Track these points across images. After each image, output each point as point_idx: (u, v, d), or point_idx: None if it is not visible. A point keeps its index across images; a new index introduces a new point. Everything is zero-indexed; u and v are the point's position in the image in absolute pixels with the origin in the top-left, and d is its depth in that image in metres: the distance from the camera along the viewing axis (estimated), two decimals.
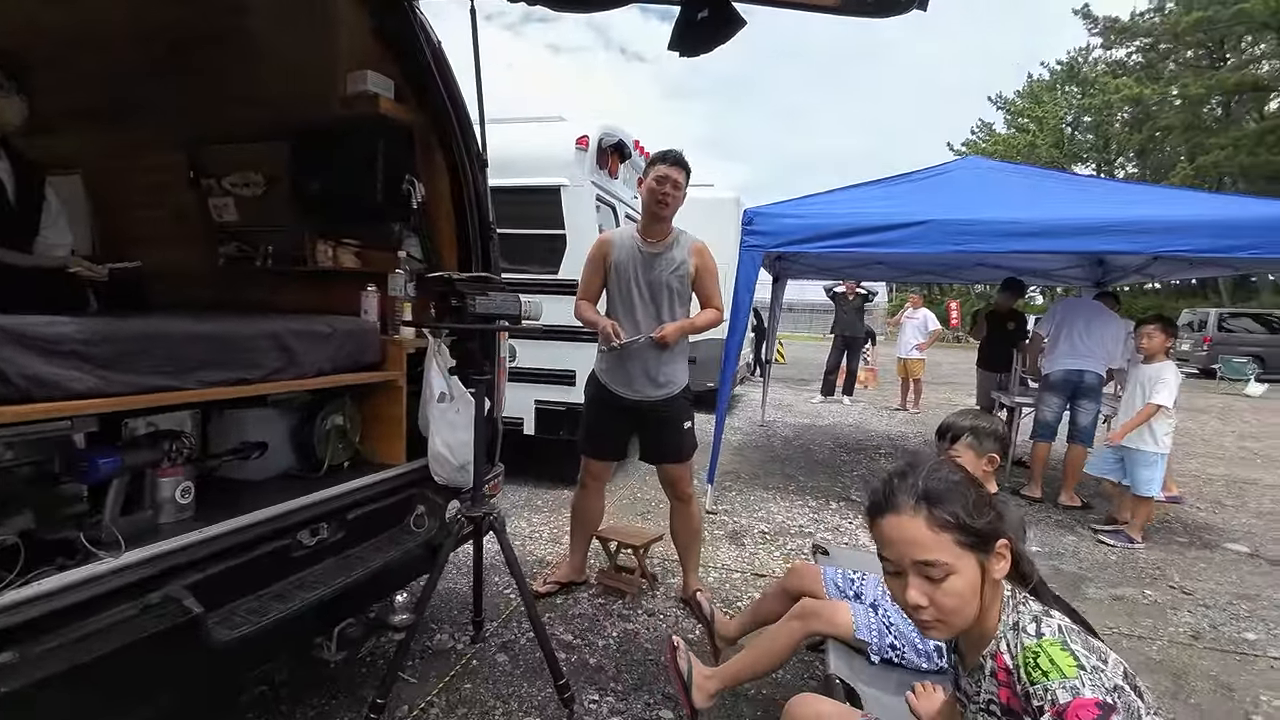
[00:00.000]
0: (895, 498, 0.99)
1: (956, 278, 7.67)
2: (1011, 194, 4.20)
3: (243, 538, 1.59)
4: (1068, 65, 31.20)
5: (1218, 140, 22.91)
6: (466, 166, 2.52)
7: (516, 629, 2.53)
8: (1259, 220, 3.24)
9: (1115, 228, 3.38)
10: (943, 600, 0.95)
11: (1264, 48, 23.59)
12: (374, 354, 2.18)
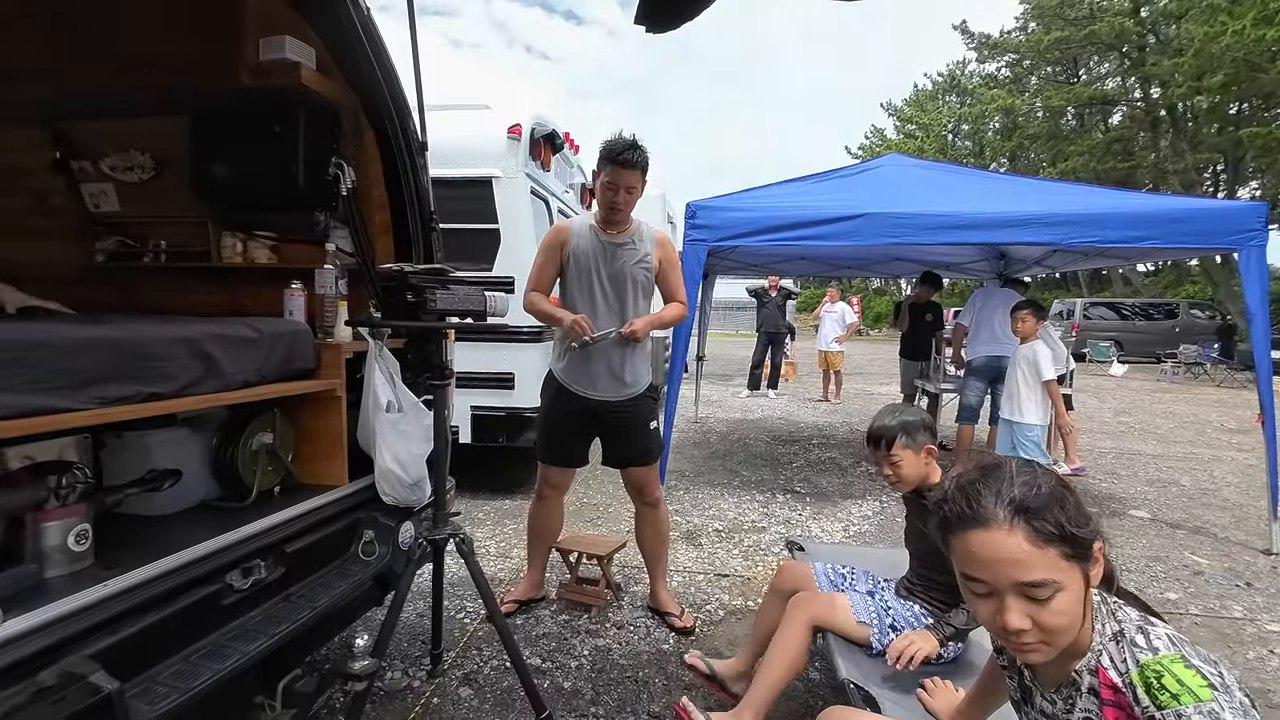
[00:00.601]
0: (983, 509, 0.86)
1: (875, 271, 8.01)
2: (935, 189, 4.37)
3: (160, 587, 1.30)
4: (948, 76, 33.77)
5: (1075, 148, 25.55)
6: (404, 150, 2.27)
7: (478, 658, 2.31)
8: (1160, 213, 3.55)
9: (1036, 220, 3.58)
10: (1050, 621, 0.83)
11: (1108, 66, 26.57)
12: (307, 360, 1.89)
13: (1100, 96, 25.75)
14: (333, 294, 2.19)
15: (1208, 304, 18.74)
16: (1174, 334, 16.31)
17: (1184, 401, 9.92)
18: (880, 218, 3.74)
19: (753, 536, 3.64)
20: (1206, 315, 17.61)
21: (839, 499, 4.37)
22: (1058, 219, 3.55)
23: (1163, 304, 18.68)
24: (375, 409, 1.93)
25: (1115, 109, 26.57)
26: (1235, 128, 20.91)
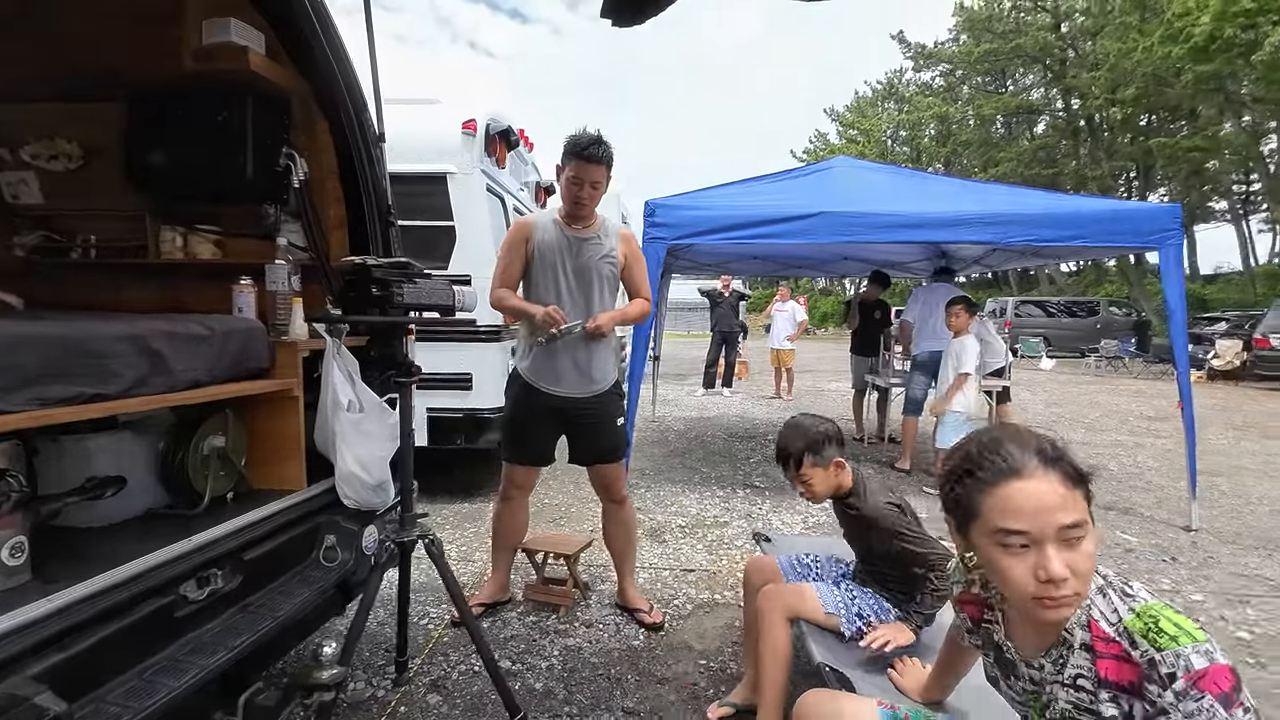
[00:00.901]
0: (1016, 458, 0.88)
1: (824, 270, 8.22)
2: (882, 190, 4.53)
3: (108, 601, 1.21)
4: (887, 84, 35.04)
5: (1005, 154, 26.94)
6: (360, 141, 2.19)
7: (445, 663, 2.25)
8: (1089, 214, 3.77)
9: (978, 220, 3.75)
10: (1083, 565, 0.85)
11: (1033, 78, 28.14)
12: (261, 359, 1.80)
13: (1026, 106, 27.25)
14: (285, 290, 2.10)
15: (1124, 301, 20.05)
16: (1096, 330, 17.38)
17: (1107, 392, 10.58)
18: (833, 217, 3.84)
19: (716, 531, 3.67)
20: (1123, 312, 18.84)
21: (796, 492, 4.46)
22: (998, 219, 3.73)
23: (1085, 302, 19.88)
24: (335, 409, 1.86)
25: (1040, 118, 28.15)
26: (1145, 138, 22.50)
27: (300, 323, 1.96)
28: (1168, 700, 0.79)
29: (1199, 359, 12.88)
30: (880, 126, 34.65)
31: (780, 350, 9.10)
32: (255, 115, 2.05)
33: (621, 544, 2.63)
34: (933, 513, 3.95)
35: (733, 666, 2.26)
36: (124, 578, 1.26)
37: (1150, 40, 18.57)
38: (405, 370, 1.68)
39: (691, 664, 2.29)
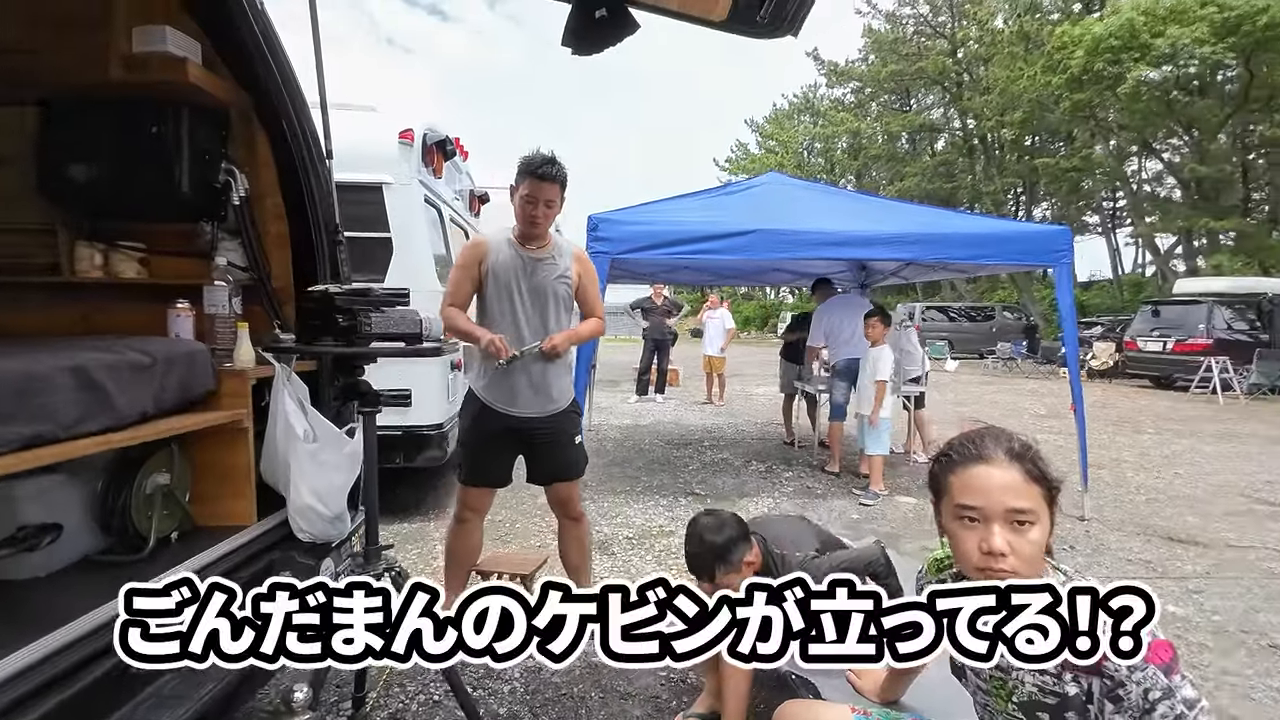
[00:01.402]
0: (987, 449, 1.02)
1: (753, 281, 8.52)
2: (811, 207, 4.76)
3: (56, 667, 1.13)
4: (803, 98, 36.59)
5: (910, 169, 28.76)
6: (305, 155, 2.11)
7: (402, 695, 2.19)
8: (996, 235, 4.14)
9: (903, 239, 4.04)
10: (1024, 549, 0.98)
11: (933, 98, 30.23)
12: (207, 384, 1.70)
13: (928, 125, 29.25)
14: (227, 313, 2.00)
15: (1015, 307, 21.87)
16: (992, 333, 18.87)
17: (1005, 392, 11.53)
18: (769, 233, 4.01)
19: (663, 541, 3.75)
20: (1015, 317, 20.56)
21: (736, 498, 4.62)
22: (921, 238, 4.02)
23: (982, 307, 21.54)
24: (289, 439, 1.78)
25: (940, 136, 30.27)
26: (1031, 157, 24.66)
27: (247, 348, 1.86)
28: (1121, 672, 0.93)
29: (1080, 360, 14.26)
30: (797, 138, 36.12)
31: (712, 357, 9.33)
32: (191, 128, 1.94)
33: (578, 560, 2.64)
34: (864, 514, 4.21)
35: (692, 677, 2.33)
36: (73, 637, 1.17)
37: (1034, 69, 20.40)
38: (369, 399, 1.64)
39: (652, 677, 2.34)
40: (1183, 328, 11.94)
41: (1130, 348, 12.81)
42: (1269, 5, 15.09)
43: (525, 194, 2.28)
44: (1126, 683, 0.93)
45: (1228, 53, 15.91)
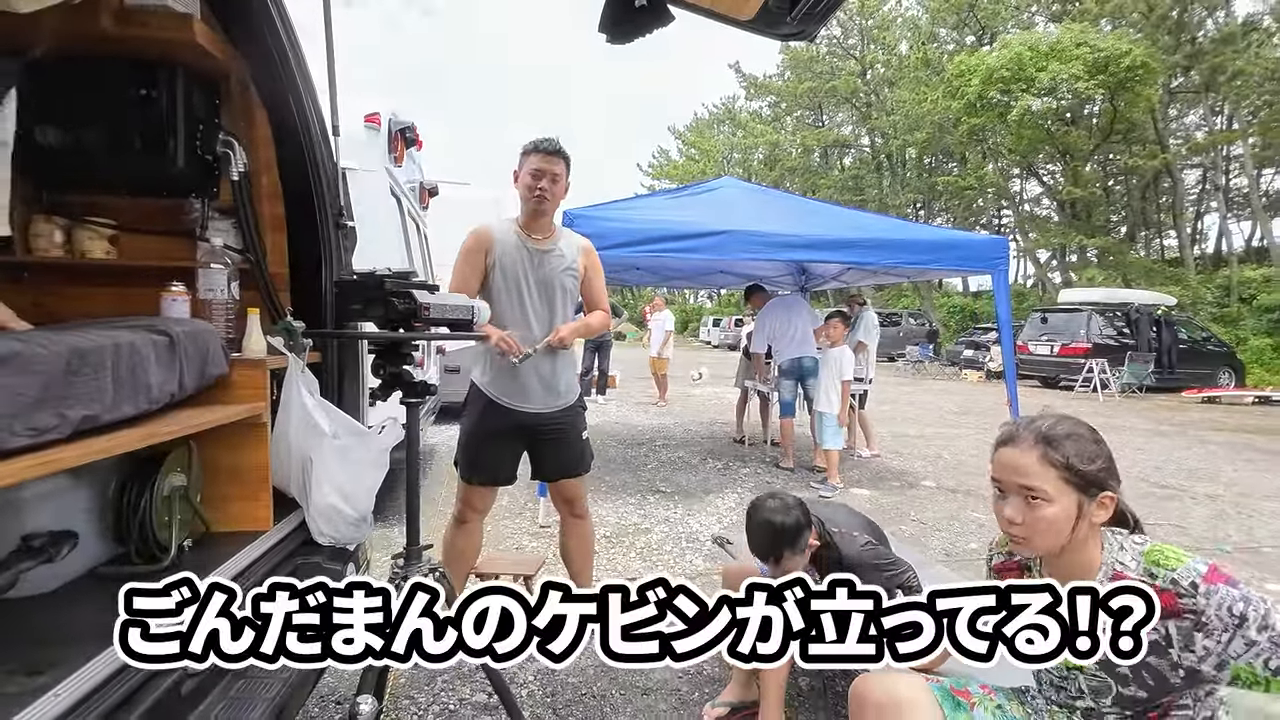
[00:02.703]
0: (1019, 435, 1.15)
1: (700, 283, 8.64)
2: (767, 210, 4.91)
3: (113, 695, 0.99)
4: (724, 108, 37.67)
5: (824, 181, 30.26)
6: (309, 132, 1.96)
7: (414, 707, 2.06)
8: (941, 242, 4.45)
9: (859, 244, 4.26)
10: (1034, 522, 1.11)
11: (843, 116, 32.00)
12: (219, 368, 1.54)
13: (839, 140, 30.89)
14: (224, 298, 1.83)
15: (918, 313, 23.48)
16: (900, 338, 20.15)
17: (920, 391, 12.36)
18: (740, 235, 4.12)
19: (641, 538, 3.74)
20: (918, 323, 22.06)
21: (702, 494, 4.68)
22: (881, 243, 4.25)
23: (890, 313, 22.96)
24: (309, 435, 1.65)
25: (850, 151, 32.07)
26: (930, 175, 26.64)
27: (258, 336, 1.71)
28: (1199, 603, 1.02)
29: (980, 362, 15.54)
30: (718, 148, 37.11)
31: (654, 358, 9.40)
32: (187, 93, 1.75)
33: (582, 558, 2.59)
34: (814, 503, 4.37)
35: (708, 669, 2.34)
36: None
37: (935, 94, 22.05)
38: (416, 389, 1.54)
39: (667, 671, 2.33)
40: (1066, 333, 13.28)
41: (1022, 351, 14.06)
42: (1130, 49, 17.12)
43: (532, 169, 2.21)
44: (1205, 610, 1.02)
45: (1097, 89, 17.89)
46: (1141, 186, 23.45)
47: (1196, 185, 24.47)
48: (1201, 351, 13.35)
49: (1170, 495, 5.00)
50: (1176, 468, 6.00)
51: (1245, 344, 14.95)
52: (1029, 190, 27.53)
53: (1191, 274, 19.13)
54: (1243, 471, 5.88)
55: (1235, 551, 3.74)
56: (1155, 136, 20.73)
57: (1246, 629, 1.01)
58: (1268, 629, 1.00)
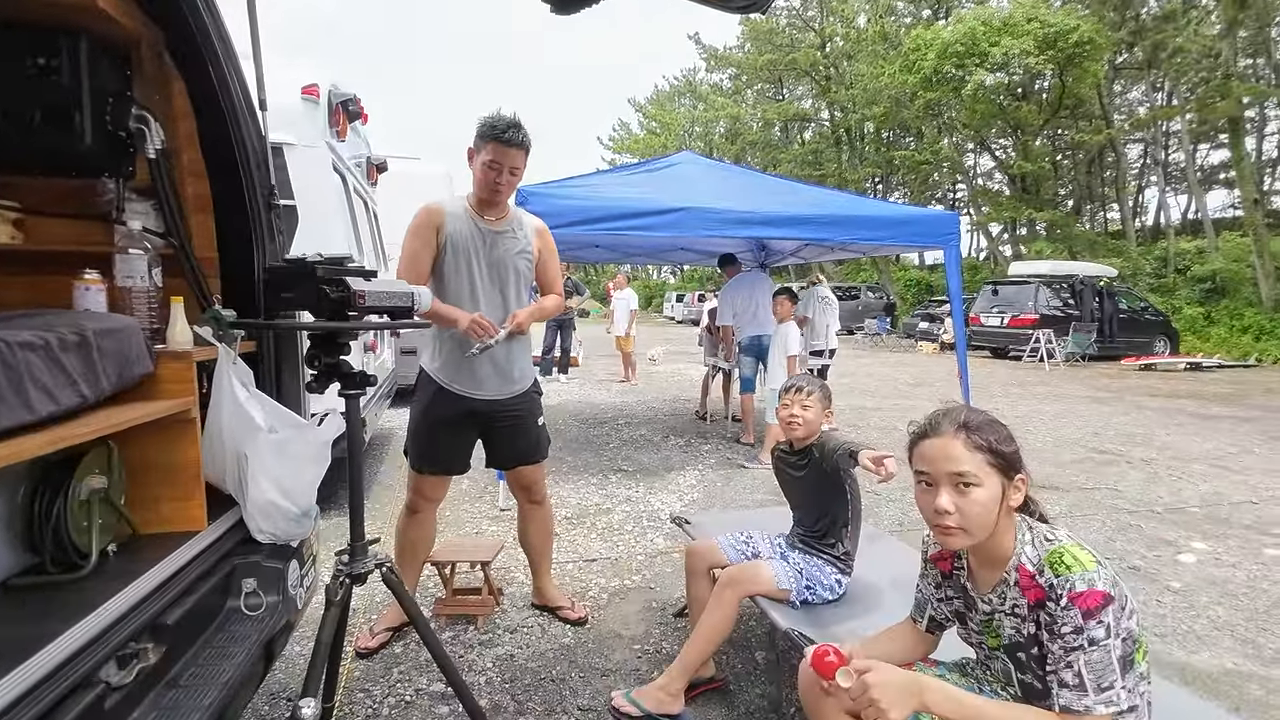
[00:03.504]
0: (939, 425, 1.17)
1: (661, 260, 8.59)
2: (730, 186, 4.89)
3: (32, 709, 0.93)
4: (685, 80, 37.21)
5: (785, 155, 30.30)
6: (232, 106, 1.83)
7: (368, 700, 2.03)
8: (896, 218, 4.50)
9: (818, 220, 4.28)
10: (967, 508, 1.13)
11: (803, 90, 31.98)
12: (145, 365, 1.44)
13: (799, 114, 30.91)
14: (146, 286, 1.71)
15: (876, 287, 23.94)
16: (859, 311, 20.54)
17: (876, 364, 12.65)
18: (697, 211, 4.08)
19: (603, 519, 3.75)
20: (876, 296, 22.51)
21: (664, 472, 4.71)
22: (837, 219, 4.28)
23: (849, 287, 23.35)
24: (244, 430, 1.57)
25: (809, 125, 32.14)
26: (889, 149, 26.94)
27: (183, 326, 1.60)
28: (1056, 611, 1.07)
29: (934, 334, 15.97)
30: (678, 121, 36.72)
31: (619, 337, 9.36)
32: (92, 62, 1.61)
33: (540, 544, 2.58)
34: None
35: (666, 647, 2.37)
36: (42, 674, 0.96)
37: (893, 68, 22.17)
38: (355, 380, 1.47)
39: (627, 651, 2.35)
40: (1016, 305, 13.72)
41: (974, 322, 14.50)
42: (1078, 25, 17.48)
43: (489, 160, 2.13)
44: (1056, 620, 1.07)
45: (1046, 64, 18.25)
46: (1087, 161, 24.21)
47: (1138, 160, 25.43)
48: (1140, 321, 13.98)
49: (1108, 460, 5.25)
50: (1115, 433, 6.30)
51: (1180, 313, 15.71)
52: (982, 165, 28.18)
53: (1132, 246, 19.92)
54: (1174, 436, 6.21)
55: (1165, 512, 3.96)
56: (1101, 112, 21.34)
57: (1076, 658, 1.05)
58: (1086, 670, 1.04)
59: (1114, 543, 3.45)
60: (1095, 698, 1.03)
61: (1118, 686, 1.03)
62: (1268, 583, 2.96)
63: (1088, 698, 1.04)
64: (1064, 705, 1.05)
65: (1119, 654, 1.04)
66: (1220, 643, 2.45)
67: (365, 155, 5.22)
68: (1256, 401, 8.31)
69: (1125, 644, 1.05)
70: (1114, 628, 1.04)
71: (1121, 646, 1.05)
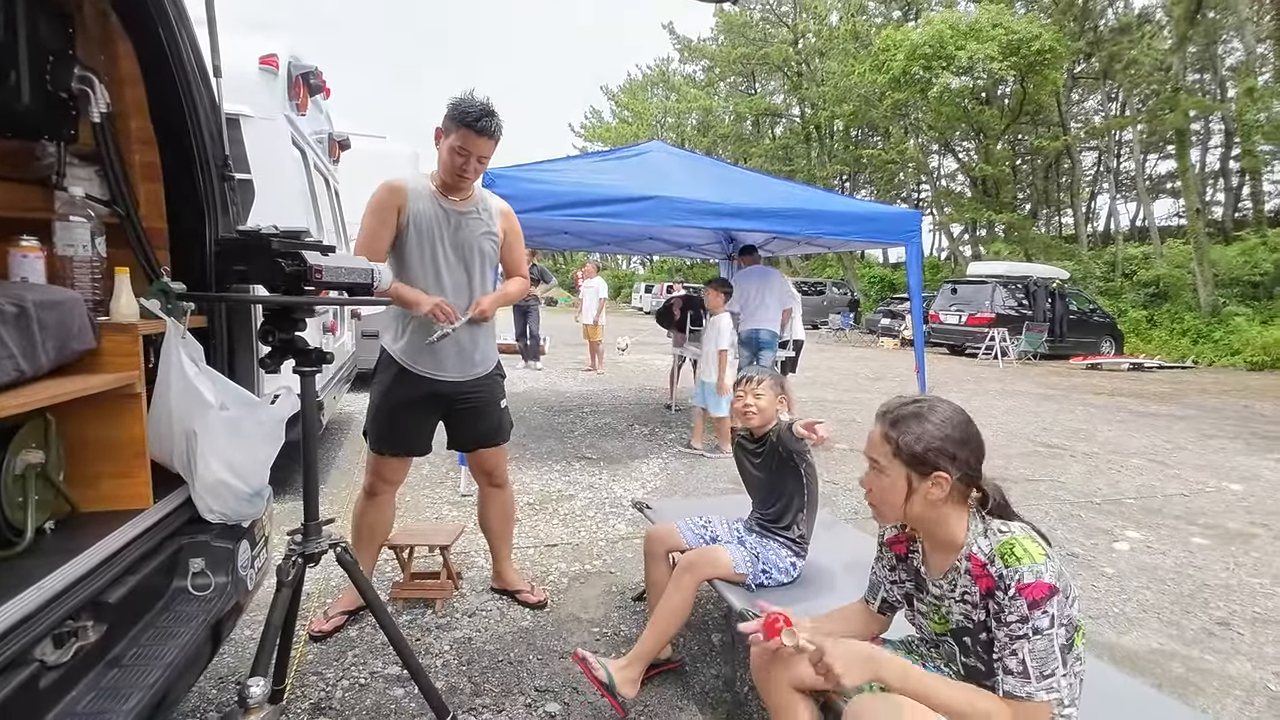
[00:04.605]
0: (882, 416, 1.29)
1: (629, 249, 8.57)
2: (699, 177, 4.91)
3: None
4: (658, 70, 37.03)
5: (756, 150, 30.49)
6: (183, 71, 1.77)
7: (321, 683, 2.01)
8: (861, 214, 4.59)
9: (785, 213, 4.33)
10: (876, 488, 1.28)
11: (775, 85, 32.18)
12: (83, 342, 1.39)
13: (771, 109, 31.11)
14: (89, 255, 1.64)
15: (841, 282, 24.35)
16: (824, 306, 20.88)
17: (839, 358, 12.90)
18: (667, 201, 4.09)
19: (565, 505, 3.75)
20: (841, 292, 22.90)
21: (628, 460, 4.74)
22: (803, 213, 4.34)
23: (815, 282, 23.69)
24: (193, 407, 1.53)
25: (780, 121, 32.39)
26: (856, 147, 27.35)
27: (128, 298, 1.55)
28: (1004, 601, 1.13)
29: (896, 330, 16.35)
30: (651, 110, 36.57)
31: (587, 325, 9.33)
32: (30, 19, 1.53)
33: (500, 528, 2.57)
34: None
35: (624, 630, 2.40)
36: None
37: (863, 67, 22.48)
38: (311, 357, 1.45)
39: (585, 634, 2.37)
40: (974, 304, 14.14)
41: (934, 320, 14.89)
42: (1040, 33, 17.99)
43: (457, 145, 2.09)
44: (1004, 609, 1.13)
45: (1009, 70, 18.75)
46: (1044, 166, 25.00)
47: (1092, 167, 26.36)
48: (1088, 322, 14.55)
49: (1053, 454, 5.48)
50: (1061, 428, 6.57)
51: (1125, 315, 16.40)
52: (946, 166, 28.82)
53: (1084, 250, 20.69)
54: (1115, 431, 6.51)
55: (1103, 503, 4.15)
56: (1059, 119, 22.03)
57: (1020, 646, 1.10)
58: (1030, 658, 1.09)
59: (1055, 531, 3.61)
60: (1037, 685, 1.09)
61: (1059, 674, 1.09)
62: (1192, 569, 3.15)
63: (1030, 685, 1.09)
64: (1008, 691, 1.10)
65: (1061, 642, 1.09)
66: (1147, 624, 2.60)
67: (327, 131, 5.07)
68: (1191, 401, 8.76)
69: (1068, 631, 1.11)
70: (1058, 618, 1.09)
71: (1065, 635, 1.10)
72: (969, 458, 1.24)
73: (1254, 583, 3.01)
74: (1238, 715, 2.04)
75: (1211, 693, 2.15)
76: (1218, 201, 24.03)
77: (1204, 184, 22.68)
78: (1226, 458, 5.48)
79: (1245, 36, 17.55)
